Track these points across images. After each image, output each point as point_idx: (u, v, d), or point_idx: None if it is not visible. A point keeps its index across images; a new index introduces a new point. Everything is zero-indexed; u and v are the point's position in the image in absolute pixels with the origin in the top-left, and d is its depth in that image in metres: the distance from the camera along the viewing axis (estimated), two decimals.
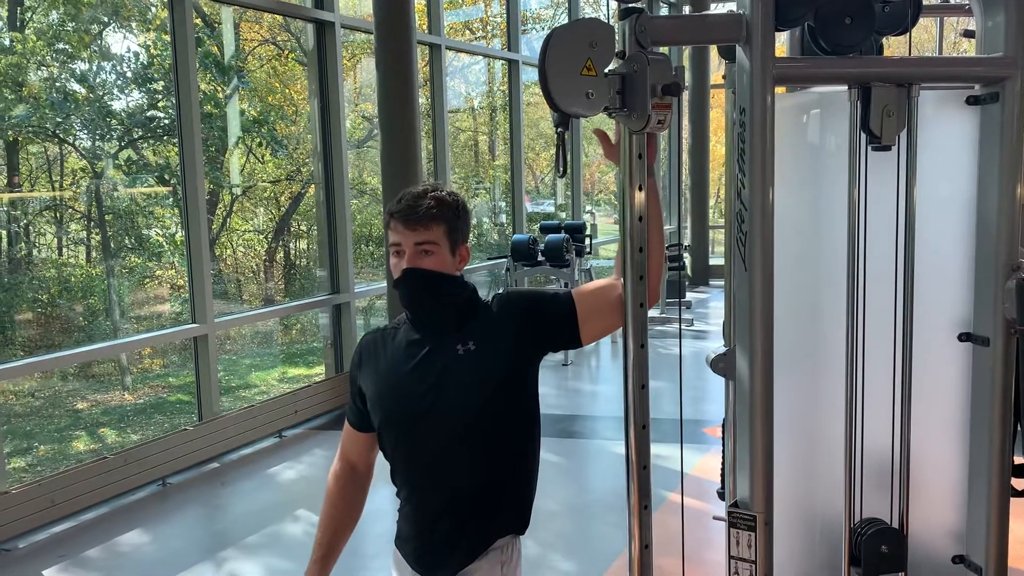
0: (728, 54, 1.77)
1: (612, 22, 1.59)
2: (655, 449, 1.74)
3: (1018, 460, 1.71)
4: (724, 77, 1.90)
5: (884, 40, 1.91)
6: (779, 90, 1.68)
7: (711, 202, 14.11)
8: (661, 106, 1.53)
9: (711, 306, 11.63)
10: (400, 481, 2.06)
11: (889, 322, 1.69)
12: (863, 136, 1.64)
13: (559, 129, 1.62)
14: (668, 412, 3.47)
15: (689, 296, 12.13)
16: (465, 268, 2.04)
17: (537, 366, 2.04)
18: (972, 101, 1.66)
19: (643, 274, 1.70)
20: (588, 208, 13.70)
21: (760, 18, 1.52)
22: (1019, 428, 1.70)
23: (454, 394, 1.95)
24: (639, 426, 1.70)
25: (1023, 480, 1.72)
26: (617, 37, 1.57)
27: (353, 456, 2.16)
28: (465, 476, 1.97)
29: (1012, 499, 1.70)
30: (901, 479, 1.70)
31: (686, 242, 13.24)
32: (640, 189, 1.67)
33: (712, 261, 13.69)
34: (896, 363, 1.69)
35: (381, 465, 2.18)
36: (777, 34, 1.59)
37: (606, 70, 1.55)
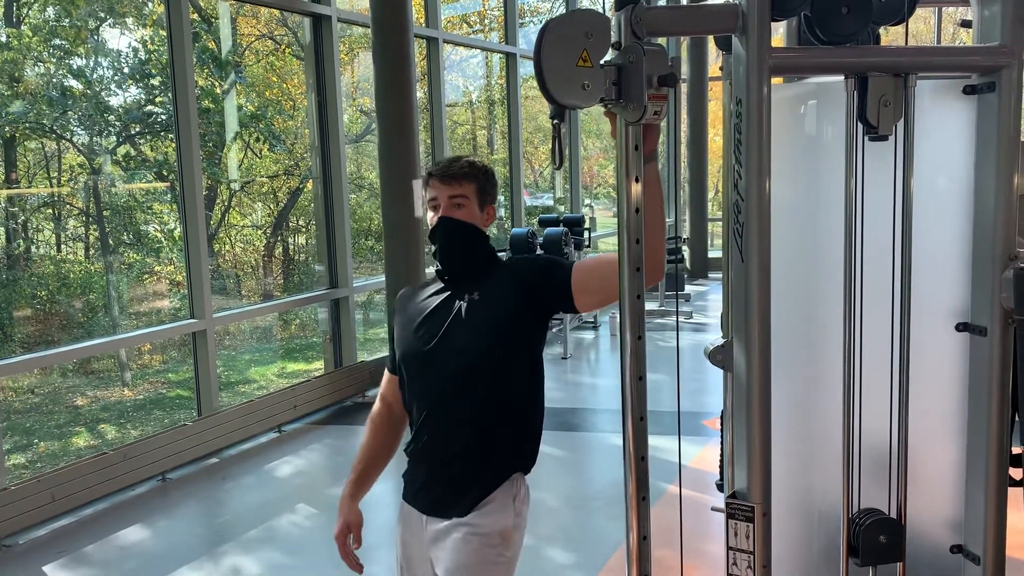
0: (725, 45, 1.77)
1: (609, 13, 1.59)
2: (655, 441, 1.74)
3: (1016, 450, 1.71)
4: (721, 68, 1.90)
5: (883, 31, 1.91)
6: (777, 81, 1.67)
7: (710, 195, 14.09)
8: (657, 97, 1.53)
9: (710, 299, 11.63)
10: (414, 422, 2.24)
11: (886, 312, 1.69)
12: (860, 126, 1.64)
13: (555, 121, 1.61)
14: (668, 405, 3.48)
15: (688, 289, 12.13)
16: (494, 219, 2.29)
17: (540, 326, 2.23)
18: (969, 90, 1.66)
19: (640, 266, 1.70)
20: (587, 201, 13.68)
21: (756, 8, 1.51)
22: (1017, 418, 1.70)
23: (453, 340, 2.16)
24: (637, 417, 1.69)
25: (1021, 470, 1.72)
26: (613, 28, 1.56)
27: (389, 397, 2.36)
28: (471, 414, 2.15)
29: (1010, 488, 1.70)
30: (899, 469, 1.70)
31: (685, 235, 13.24)
32: (637, 181, 1.66)
33: (711, 254, 13.69)
34: (894, 353, 1.69)
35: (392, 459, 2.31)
36: (775, 24, 1.58)
37: (602, 61, 1.54)
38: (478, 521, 2.12)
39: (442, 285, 2.26)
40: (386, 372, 2.40)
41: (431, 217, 2.22)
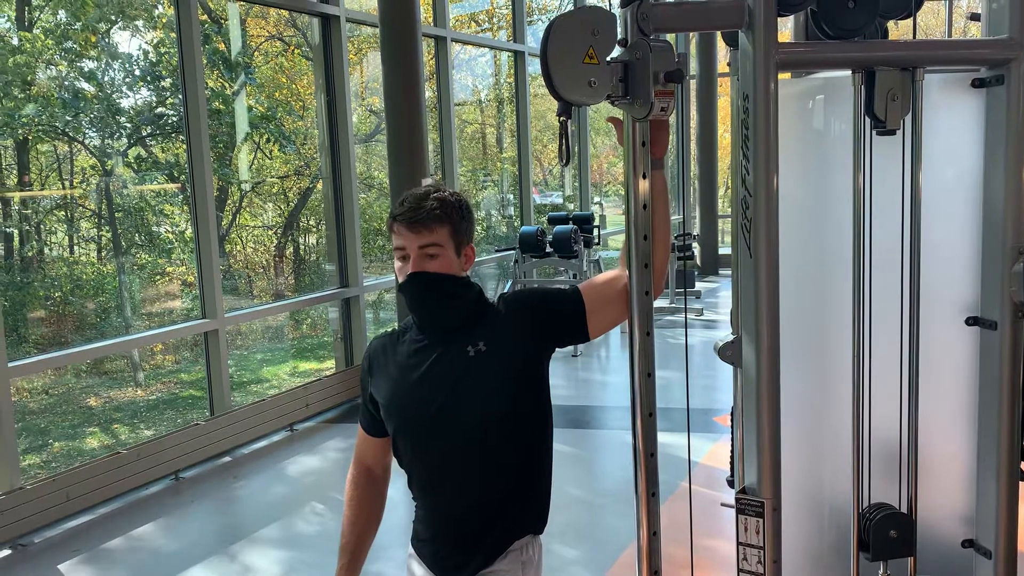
0: (732, 40, 1.77)
1: (615, 10, 1.59)
2: (667, 438, 1.74)
3: None
4: (729, 64, 1.89)
5: (893, 24, 1.90)
6: (784, 76, 1.67)
7: (720, 191, 14.05)
8: (664, 93, 1.53)
9: (721, 295, 11.60)
10: (416, 486, 2.05)
11: (896, 307, 1.69)
12: (868, 121, 1.64)
13: (562, 118, 1.61)
14: (679, 401, 3.47)
15: (699, 286, 12.11)
16: (473, 261, 2.03)
17: (547, 362, 2.03)
18: (977, 84, 1.65)
19: (648, 262, 1.71)
20: (597, 199, 13.67)
21: (762, 3, 1.51)
22: None
23: (468, 397, 1.93)
24: (646, 414, 1.70)
25: None
26: (619, 25, 1.57)
27: (369, 460, 2.15)
28: (481, 478, 1.96)
29: (1021, 483, 1.69)
30: (909, 464, 1.69)
31: (695, 231, 13.21)
32: (644, 177, 1.67)
33: (722, 250, 13.64)
34: (903, 348, 1.68)
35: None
36: (782, 19, 1.58)
37: (608, 58, 1.55)
38: None
39: (427, 340, 1.99)
40: (360, 432, 2.15)
41: (399, 267, 1.93)
